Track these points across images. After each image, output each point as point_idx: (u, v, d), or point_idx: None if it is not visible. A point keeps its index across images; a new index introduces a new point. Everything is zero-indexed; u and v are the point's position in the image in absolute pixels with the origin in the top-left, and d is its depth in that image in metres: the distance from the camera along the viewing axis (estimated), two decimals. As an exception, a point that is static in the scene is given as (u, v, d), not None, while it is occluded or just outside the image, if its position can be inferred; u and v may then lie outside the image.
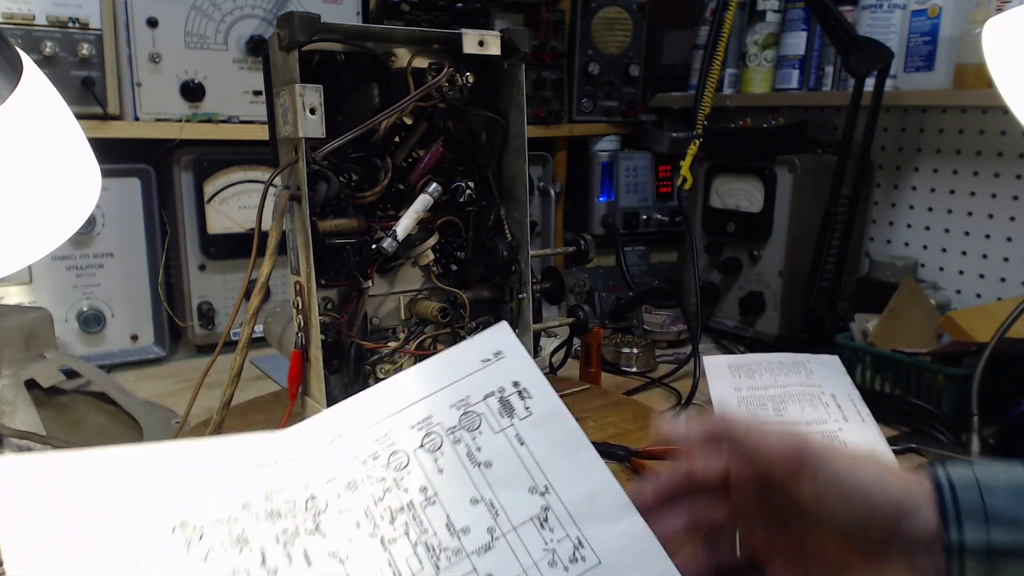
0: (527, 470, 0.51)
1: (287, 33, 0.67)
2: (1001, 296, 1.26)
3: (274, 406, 0.97)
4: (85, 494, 0.45)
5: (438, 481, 0.50)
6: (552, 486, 0.51)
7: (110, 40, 1.11)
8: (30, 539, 0.43)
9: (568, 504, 0.50)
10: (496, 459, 0.51)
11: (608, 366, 1.21)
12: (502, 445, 0.52)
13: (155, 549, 0.45)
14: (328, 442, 0.52)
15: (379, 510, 0.49)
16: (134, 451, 0.49)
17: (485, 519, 0.49)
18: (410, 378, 0.55)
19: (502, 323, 0.57)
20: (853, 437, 0.87)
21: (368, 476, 0.50)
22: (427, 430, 0.52)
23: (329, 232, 0.72)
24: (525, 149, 0.80)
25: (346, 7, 1.26)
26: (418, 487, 0.50)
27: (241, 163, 1.22)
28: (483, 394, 0.54)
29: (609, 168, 1.51)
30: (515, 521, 0.49)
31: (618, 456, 0.82)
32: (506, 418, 0.53)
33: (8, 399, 0.80)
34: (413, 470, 0.51)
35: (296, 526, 0.48)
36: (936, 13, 1.23)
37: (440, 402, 0.54)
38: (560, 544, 0.48)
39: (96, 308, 1.17)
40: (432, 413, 0.53)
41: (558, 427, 0.53)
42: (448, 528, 0.48)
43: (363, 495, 0.49)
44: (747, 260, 1.33)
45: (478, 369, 0.55)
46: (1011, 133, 1.23)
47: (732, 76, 1.49)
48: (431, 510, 0.49)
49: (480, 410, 0.53)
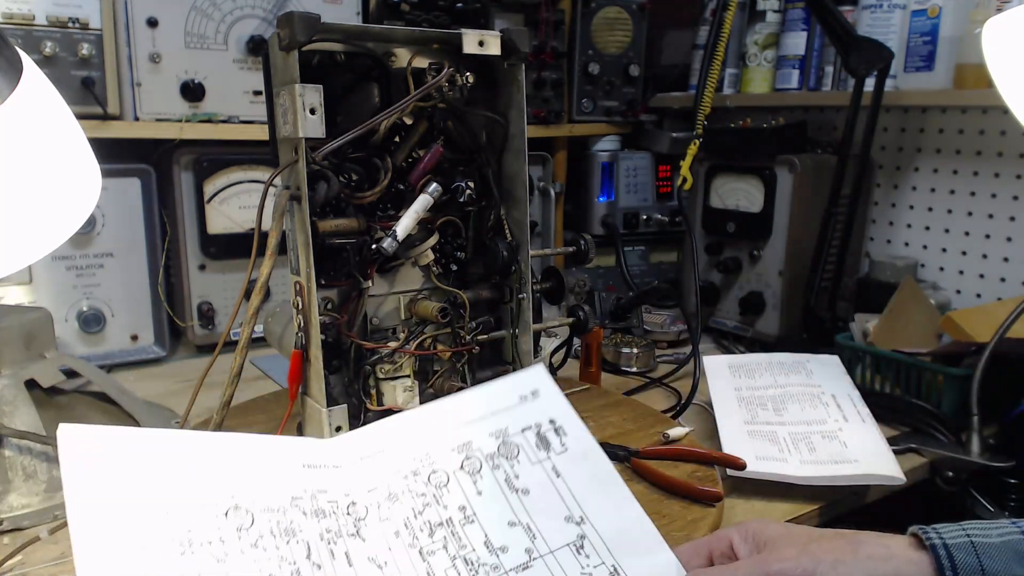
0: (563, 501, 0.54)
1: (287, 33, 0.67)
2: (1001, 296, 1.26)
3: (274, 406, 0.97)
4: (147, 468, 0.47)
5: (477, 502, 0.52)
6: (588, 517, 0.53)
7: (110, 40, 1.11)
8: (94, 504, 0.44)
9: (603, 535, 0.52)
10: (533, 488, 0.54)
11: (608, 366, 1.21)
12: (539, 475, 0.54)
13: (209, 528, 0.47)
14: (369, 455, 0.54)
15: (419, 523, 0.51)
16: (191, 436, 0.51)
17: (523, 540, 0.51)
18: (449, 405, 0.57)
19: (539, 365, 0.61)
20: (853, 437, 0.87)
21: (409, 490, 0.52)
22: (467, 454, 0.55)
23: (329, 232, 0.72)
24: (525, 149, 0.79)
25: (346, 7, 1.26)
26: (457, 505, 0.52)
27: (241, 163, 1.22)
28: (521, 427, 0.57)
29: (609, 168, 1.51)
30: (552, 545, 0.51)
31: (618, 456, 0.82)
32: (543, 451, 0.56)
33: (8, 399, 0.80)
34: (453, 489, 0.53)
35: (339, 527, 0.50)
36: (936, 13, 1.23)
37: (480, 430, 0.56)
38: (596, 570, 0.51)
39: (96, 308, 1.17)
40: (472, 439, 0.55)
41: (593, 464, 0.56)
42: (487, 545, 0.50)
43: (403, 507, 0.51)
44: (747, 260, 1.33)
45: (515, 404, 0.58)
46: (1011, 133, 1.23)
47: (732, 76, 1.49)
48: (469, 528, 0.51)
49: (518, 441, 0.56)
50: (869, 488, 0.84)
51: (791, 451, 0.85)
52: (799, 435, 0.87)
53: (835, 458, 0.83)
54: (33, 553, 0.69)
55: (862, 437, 0.87)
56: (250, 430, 0.89)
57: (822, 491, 0.80)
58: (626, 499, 0.55)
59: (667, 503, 0.75)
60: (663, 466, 0.80)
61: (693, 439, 0.88)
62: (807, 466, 0.82)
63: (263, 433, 0.88)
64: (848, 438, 0.87)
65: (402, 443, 0.55)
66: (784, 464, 0.82)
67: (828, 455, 0.84)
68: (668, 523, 0.70)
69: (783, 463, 0.82)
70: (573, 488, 0.54)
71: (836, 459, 0.83)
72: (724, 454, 0.82)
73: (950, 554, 0.46)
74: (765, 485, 0.80)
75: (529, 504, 0.53)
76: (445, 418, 0.56)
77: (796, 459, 0.83)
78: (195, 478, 0.48)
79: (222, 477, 0.49)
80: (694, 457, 0.82)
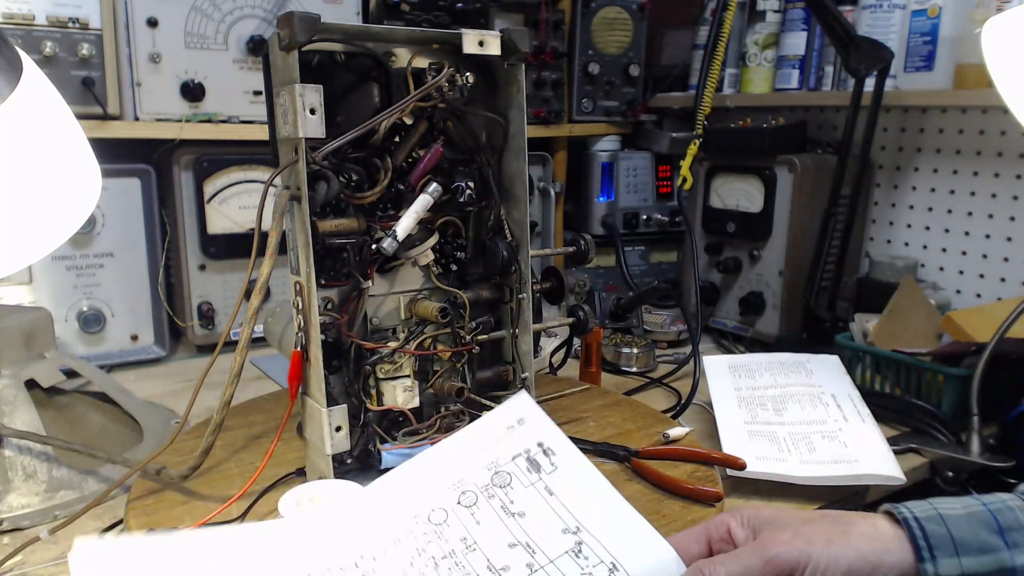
0: (558, 516, 0.56)
1: (287, 33, 0.67)
2: (1001, 296, 1.26)
3: (274, 406, 0.97)
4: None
5: (476, 531, 0.55)
6: (583, 525, 0.56)
7: (110, 40, 1.11)
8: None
9: (600, 537, 0.55)
10: (529, 510, 0.56)
11: (608, 366, 1.21)
12: (533, 497, 0.57)
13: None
14: (366, 515, 0.56)
15: (423, 560, 0.53)
16: (198, 536, 0.53)
17: (523, 557, 0.54)
18: (440, 451, 0.60)
19: (522, 392, 0.64)
20: (853, 437, 0.87)
21: (410, 532, 0.55)
22: (462, 489, 0.58)
23: (329, 232, 0.72)
24: (525, 149, 0.79)
25: (346, 7, 1.26)
26: (458, 537, 0.55)
27: (241, 163, 1.22)
28: (511, 455, 0.60)
29: (609, 168, 1.51)
30: (551, 555, 0.54)
31: (618, 456, 0.82)
32: (534, 473, 0.59)
33: (8, 399, 0.80)
34: (452, 523, 0.55)
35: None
36: (936, 13, 1.23)
37: (472, 466, 0.59)
38: (596, 569, 0.53)
39: (96, 308, 1.17)
40: (465, 476, 0.58)
41: (581, 475, 0.59)
42: (489, 569, 0.53)
43: (407, 548, 0.54)
44: (747, 260, 1.33)
45: (504, 435, 0.61)
46: (1011, 133, 1.23)
47: (732, 76, 1.49)
48: (472, 555, 0.54)
49: (510, 469, 0.59)
50: (869, 488, 0.84)
51: (791, 451, 0.85)
52: (799, 435, 0.87)
53: (835, 458, 0.83)
54: (33, 553, 0.69)
55: (862, 437, 0.87)
56: (250, 430, 0.89)
57: (822, 491, 0.80)
58: (617, 502, 0.57)
59: (667, 503, 0.75)
60: (663, 466, 0.80)
61: (693, 439, 0.88)
62: (807, 466, 0.82)
63: (263, 433, 0.88)
64: (848, 438, 0.87)
65: (399, 495, 0.57)
66: (784, 464, 0.82)
67: (828, 455, 0.84)
68: (668, 523, 0.70)
69: (783, 463, 0.82)
70: (566, 502, 0.57)
71: (836, 459, 0.83)
72: (724, 454, 0.83)
73: (921, 526, 0.49)
74: (765, 485, 0.80)
75: (526, 525, 0.56)
76: (437, 463, 0.59)
77: (796, 459, 0.83)
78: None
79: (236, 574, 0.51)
80: (694, 457, 0.82)
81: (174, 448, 0.75)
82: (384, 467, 0.75)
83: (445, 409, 0.81)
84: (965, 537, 0.49)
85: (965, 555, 0.48)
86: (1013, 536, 0.49)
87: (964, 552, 0.48)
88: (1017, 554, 0.48)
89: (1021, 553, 0.48)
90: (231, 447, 0.85)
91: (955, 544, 0.49)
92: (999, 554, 0.48)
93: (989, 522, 0.50)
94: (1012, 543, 0.49)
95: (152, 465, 0.74)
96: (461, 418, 0.81)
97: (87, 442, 0.82)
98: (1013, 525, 0.49)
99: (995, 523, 0.50)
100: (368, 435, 0.76)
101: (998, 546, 0.49)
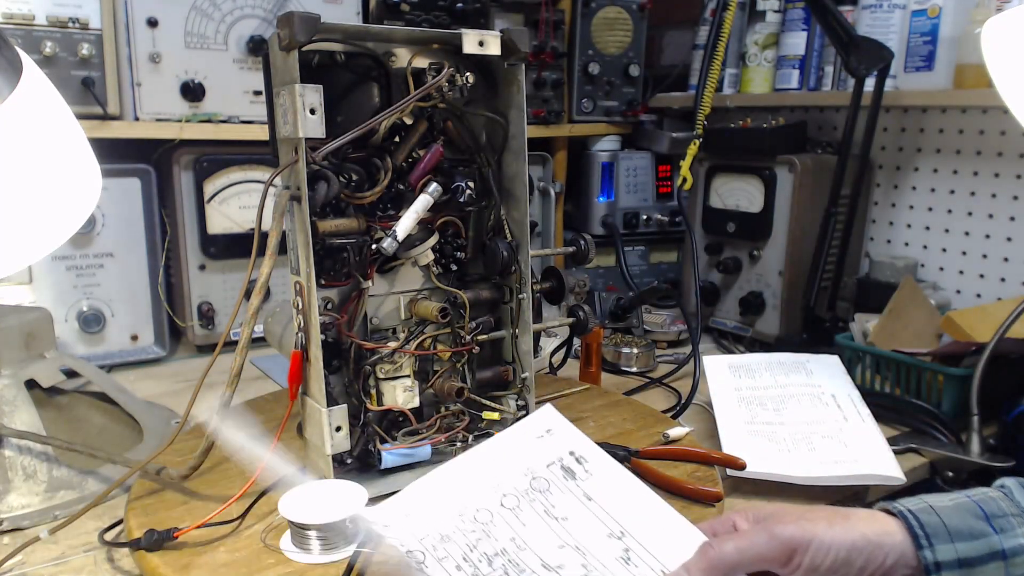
0: (601, 521, 0.58)
1: (287, 33, 0.67)
2: (1001, 296, 1.26)
3: (274, 406, 0.97)
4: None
5: (524, 532, 0.56)
6: (627, 531, 0.57)
7: (110, 40, 1.11)
8: None
9: (645, 544, 0.56)
10: (571, 515, 0.58)
11: (608, 366, 1.21)
12: (573, 502, 0.59)
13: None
14: (413, 512, 0.57)
15: (476, 555, 0.54)
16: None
17: (577, 558, 0.55)
18: (474, 456, 0.61)
19: (548, 406, 0.65)
20: (853, 437, 0.87)
21: (458, 529, 0.55)
22: (503, 491, 0.59)
23: (329, 232, 0.72)
24: (525, 149, 0.79)
25: (346, 7, 1.26)
26: (508, 537, 0.56)
27: (241, 163, 1.22)
28: (545, 463, 0.61)
29: (609, 168, 1.51)
30: (604, 560, 0.55)
31: (618, 456, 0.82)
32: (570, 480, 0.60)
33: (8, 399, 0.80)
34: (499, 523, 0.56)
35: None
36: (936, 13, 1.23)
37: (508, 471, 0.60)
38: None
39: (96, 308, 1.17)
40: (503, 480, 0.60)
41: (617, 481, 0.60)
42: (544, 567, 0.54)
43: (458, 544, 0.55)
44: (747, 260, 1.33)
45: (534, 444, 0.63)
46: (1011, 133, 1.23)
47: (732, 76, 1.49)
48: (524, 554, 0.55)
49: (546, 475, 0.60)
50: (869, 488, 0.84)
51: (791, 451, 0.85)
52: (799, 435, 0.87)
53: (835, 458, 0.83)
54: (33, 553, 0.69)
55: (862, 437, 0.87)
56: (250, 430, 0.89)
57: (822, 491, 0.80)
58: (653, 501, 0.59)
59: (667, 503, 0.75)
60: (663, 466, 0.80)
61: (693, 439, 0.88)
62: (807, 466, 0.82)
63: (262, 433, 0.88)
64: (848, 438, 0.87)
65: (440, 494, 0.58)
66: (784, 464, 0.82)
67: (828, 455, 0.84)
68: (668, 523, 0.71)
69: (783, 463, 0.82)
70: (607, 507, 0.58)
71: (836, 459, 0.83)
72: (724, 454, 0.83)
73: (916, 516, 0.53)
74: (765, 485, 0.80)
75: (571, 528, 0.57)
76: (474, 467, 0.60)
77: (796, 459, 0.83)
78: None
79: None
80: (694, 457, 0.82)
81: (174, 448, 0.75)
82: (384, 467, 0.75)
83: (445, 409, 0.81)
84: (957, 525, 0.52)
85: (959, 540, 0.52)
86: (999, 522, 0.52)
87: (958, 538, 0.52)
88: (1005, 538, 0.52)
89: (1008, 537, 0.52)
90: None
91: (949, 531, 0.52)
92: (989, 539, 0.52)
93: (975, 511, 0.53)
94: (999, 528, 0.52)
95: (152, 465, 0.74)
96: (461, 418, 0.81)
97: (87, 442, 0.82)
98: (997, 512, 0.53)
99: (981, 511, 0.53)
100: (368, 435, 0.76)
101: (987, 532, 0.52)
